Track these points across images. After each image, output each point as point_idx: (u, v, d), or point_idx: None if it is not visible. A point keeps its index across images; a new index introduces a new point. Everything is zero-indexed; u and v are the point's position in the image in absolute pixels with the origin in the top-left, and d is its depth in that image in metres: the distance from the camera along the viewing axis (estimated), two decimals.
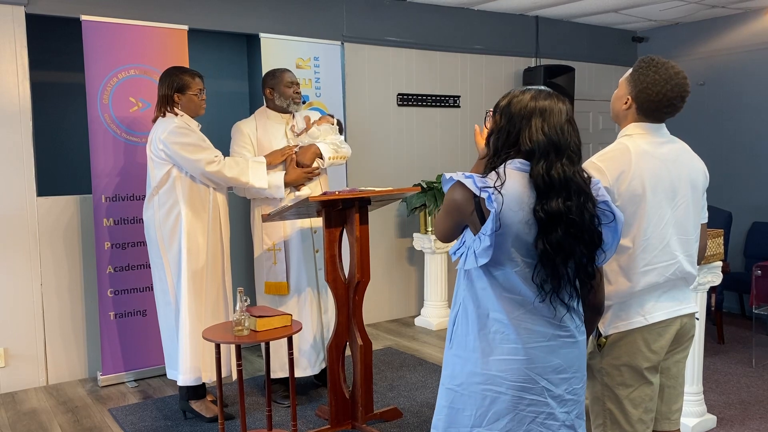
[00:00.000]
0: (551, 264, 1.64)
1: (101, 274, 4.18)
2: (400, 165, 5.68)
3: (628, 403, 2.06)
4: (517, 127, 1.70)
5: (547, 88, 1.79)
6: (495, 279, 1.68)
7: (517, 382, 1.68)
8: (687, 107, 2.22)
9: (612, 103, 2.22)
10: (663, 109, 2.10)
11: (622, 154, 2.05)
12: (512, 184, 1.65)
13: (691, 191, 2.11)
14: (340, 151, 3.86)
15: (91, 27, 4.11)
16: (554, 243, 1.62)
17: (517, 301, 1.68)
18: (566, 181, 1.64)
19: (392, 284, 5.72)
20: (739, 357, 4.68)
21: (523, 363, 1.68)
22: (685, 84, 2.09)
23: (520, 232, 1.64)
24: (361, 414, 3.40)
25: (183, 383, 3.54)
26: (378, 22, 5.45)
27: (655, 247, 2.04)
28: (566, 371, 1.73)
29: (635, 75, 2.10)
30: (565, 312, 1.72)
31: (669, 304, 2.09)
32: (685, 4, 5.74)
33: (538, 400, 1.69)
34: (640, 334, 2.05)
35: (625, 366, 2.05)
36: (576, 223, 1.64)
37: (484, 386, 1.70)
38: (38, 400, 4.00)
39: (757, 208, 6.05)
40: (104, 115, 4.16)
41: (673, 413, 2.20)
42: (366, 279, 3.43)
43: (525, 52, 6.34)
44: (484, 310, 1.71)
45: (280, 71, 3.90)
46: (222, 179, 3.54)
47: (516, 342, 1.68)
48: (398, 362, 4.56)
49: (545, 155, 1.65)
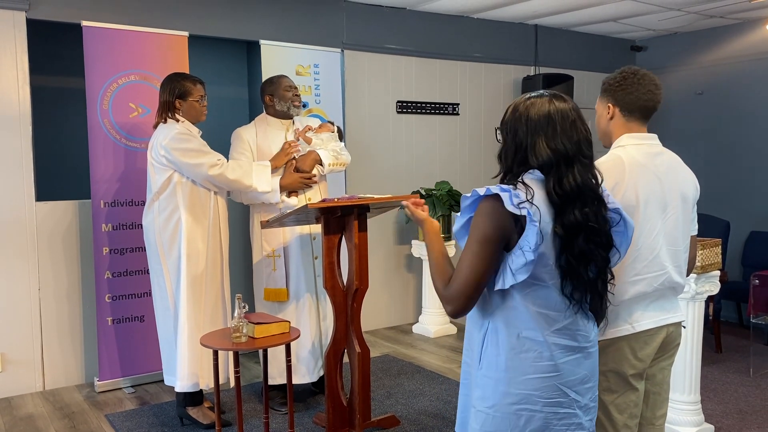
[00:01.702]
0: (576, 274, 1.64)
1: (99, 280, 4.17)
2: (399, 172, 5.69)
3: (613, 408, 2.09)
4: (524, 144, 1.68)
5: (547, 91, 1.76)
6: (528, 296, 1.65)
7: (551, 399, 1.68)
8: (685, 116, 2.26)
9: (596, 126, 2.28)
10: (644, 102, 2.14)
11: (615, 165, 2.08)
12: (539, 196, 1.63)
13: (681, 203, 2.15)
14: (340, 158, 3.86)
15: (92, 33, 4.12)
16: (577, 253, 1.62)
17: (552, 317, 1.66)
18: (581, 190, 1.64)
19: (390, 291, 5.72)
20: (736, 366, 4.68)
21: (555, 379, 1.68)
22: (654, 77, 2.19)
23: (550, 242, 1.63)
24: (358, 421, 3.39)
25: (181, 389, 3.54)
26: (378, 30, 5.47)
27: (645, 258, 2.07)
28: (590, 380, 1.74)
29: (606, 88, 2.20)
30: (593, 323, 1.74)
31: (656, 314, 2.13)
32: (684, 14, 5.77)
33: (569, 412, 1.70)
34: (627, 341, 2.08)
35: (611, 372, 2.09)
36: (596, 230, 1.65)
37: (518, 406, 1.68)
38: (35, 406, 3.98)
39: (755, 217, 6.07)
40: (104, 120, 4.17)
41: (657, 419, 2.24)
42: (364, 286, 3.42)
43: (524, 61, 6.36)
44: (515, 329, 1.67)
45: (278, 77, 3.91)
46: (225, 182, 3.53)
47: (549, 359, 1.67)
48: (396, 369, 4.55)
49: (556, 169, 1.64)
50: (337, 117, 5.12)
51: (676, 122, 6.68)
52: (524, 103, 1.72)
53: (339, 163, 3.86)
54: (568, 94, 6.08)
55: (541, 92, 1.75)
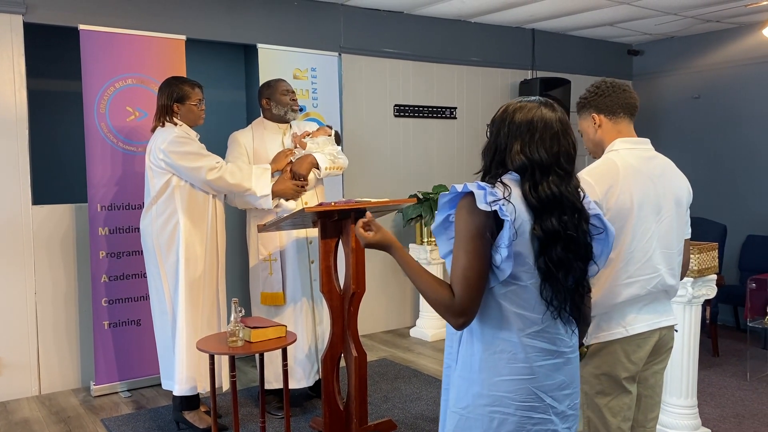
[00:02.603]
0: (555, 280, 1.63)
1: (96, 283, 4.16)
2: (396, 176, 5.69)
3: (607, 411, 2.10)
4: (503, 146, 1.69)
5: (541, 98, 1.76)
6: (506, 296, 1.65)
7: (525, 402, 1.65)
8: (682, 120, 2.29)
9: (586, 144, 2.30)
10: (625, 100, 2.19)
11: (609, 169, 2.10)
12: (517, 195, 1.64)
13: (675, 207, 2.17)
14: (337, 162, 3.86)
15: (89, 36, 4.12)
16: (555, 260, 1.61)
17: (529, 318, 1.65)
18: (557, 199, 1.63)
19: (388, 295, 5.71)
20: (733, 370, 4.68)
21: (530, 382, 1.65)
22: (626, 83, 2.28)
23: (529, 242, 1.63)
24: (355, 426, 3.38)
25: (180, 393, 3.52)
26: (375, 34, 5.48)
27: (639, 260, 2.08)
28: (568, 387, 1.72)
29: (584, 104, 2.24)
30: (574, 329, 1.73)
31: (649, 317, 2.14)
32: (681, 18, 5.79)
33: (543, 418, 1.67)
34: (620, 345, 2.09)
35: (605, 375, 2.10)
36: (574, 239, 1.64)
37: (491, 408, 1.66)
38: (30, 410, 3.97)
39: (752, 221, 6.08)
40: (101, 124, 4.16)
41: (649, 422, 2.25)
42: (361, 290, 3.42)
43: (521, 65, 6.37)
44: (491, 330, 1.67)
45: (275, 81, 3.91)
46: (224, 186, 3.52)
47: (524, 361, 1.65)
48: (393, 374, 4.54)
49: (531, 175, 1.64)
50: (335, 121, 5.12)
51: (672, 126, 6.69)
52: (515, 105, 1.72)
53: (336, 166, 3.85)
54: (565, 98, 6.10)
55: (536, 98, 1.74)
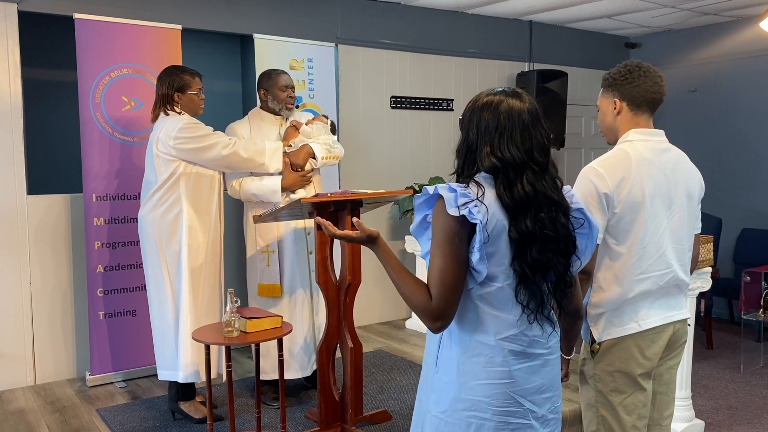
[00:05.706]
0: (530, 282, 1.59)
1: (91, 274, 4.15)
2: (392, 167, 5.68)
3: (621, 409, 2.05)
4: (473, 147, 1.65)
5: (508, 88, 1.68)
6: (483, 298, 1.61)
7: (503, 407, 1.62)
8: (679, 113, 2.26)
9: (601, 123, 2.22)
10: (651, 95, 2.11)
11: (622, 160, 2.04)
12: (491, 195, 1.60)
13: (686, 201, 2.12)
14: (333, 151, 3.85)
15: (84, 25, 4.09)
16: (530, 262, 1.57)
17: (506, 321, 1.61)
18: (532, 197, 1.58)
19: (383, 287, 5.71)
20: (727, 362, 4.71)
21: (507, 386, 1.62)
22: (657, 69, 2.17)
23: (505, 242, 1.59)
24: (350, 416, 3.39)
25: (183, 380, 3.49)
26: (372, 25, 5.46)
27: (651, 256, 2.04)
28: (548, 390, 1.68)
29: (611, 83, 2.14)
30: (552, 329, 1.68)
31: (662, 311, 2.10)
32: (678, 11, 5.78)
33: (522, 423, 1.63)
34: (634, 340, 2.05)
35: (619, 372, 2.05)
36: (551, 238, 1.59)
37: (468, 413, 1.63)
38: (26, 400, 3.97)
39: (747, 214, 6.09)
40: (96, 113, 4.14)
41: (664, 419, 2.21)
42: (357, 281, 3.42)
43: (518, 57, 6.36)
44: (468, 334, 1.63)
45: (276, 73, 3.88)
46: (237, 161, 3.52)
47: (501, 365, 1.61)
48: (388, 365, 4.55)
49: (504, 176, 1.59)
50: (331, 112, 5.11)
51: (669, 119, 6.68)
52: (482, 101, 1.67)
53: (332, 156, 3.84)
54: (563, 90, 6.09)
55: (501, 89, 1.68)
